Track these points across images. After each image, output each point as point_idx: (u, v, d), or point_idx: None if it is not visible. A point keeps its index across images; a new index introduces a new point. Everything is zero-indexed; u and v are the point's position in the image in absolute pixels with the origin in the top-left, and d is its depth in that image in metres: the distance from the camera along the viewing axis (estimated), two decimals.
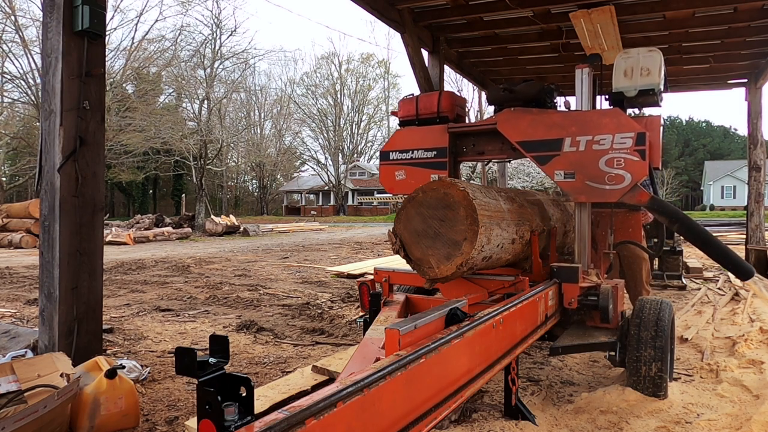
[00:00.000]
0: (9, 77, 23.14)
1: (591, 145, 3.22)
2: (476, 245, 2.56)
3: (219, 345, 1.22)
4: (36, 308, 5.62)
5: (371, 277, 3.56)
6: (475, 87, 21.06)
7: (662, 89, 3.46)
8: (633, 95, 3.39)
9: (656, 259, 7.07)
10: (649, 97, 3.40)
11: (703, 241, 3.27)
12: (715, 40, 6.79)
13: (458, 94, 4.12)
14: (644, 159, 3.10)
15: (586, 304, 3.14)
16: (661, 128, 3.32)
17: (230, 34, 37.59)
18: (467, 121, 4.20)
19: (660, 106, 3.50)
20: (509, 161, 4.49)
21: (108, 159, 26.21)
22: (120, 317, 5.60)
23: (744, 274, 3.39)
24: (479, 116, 26.93)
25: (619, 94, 3.45)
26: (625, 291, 4.50)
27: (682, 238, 6.19)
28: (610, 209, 3.95)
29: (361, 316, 3.90)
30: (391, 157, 4.03)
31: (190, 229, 20.88)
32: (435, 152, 3.84)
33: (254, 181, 57.83)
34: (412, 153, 3.94)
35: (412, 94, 4.07)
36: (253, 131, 46.54)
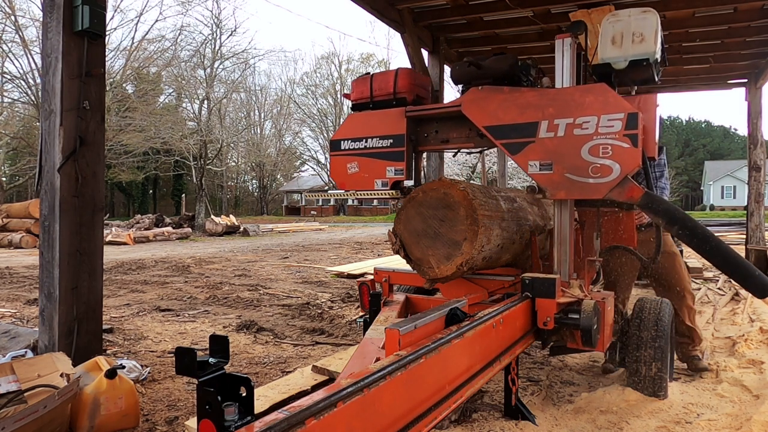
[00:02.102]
0: (9, 77, 23.15)
1: (572, 129, 2.64)
2: (476, 245, 2.56)
3: (219, 345, 1.22)
4: (36, 308, 5.62)
5: (371, 277, 3.56)
6: None
7: (659, 60, 2.87)
8: (623, 67, 2.80)
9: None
10: (642, 69, 2.81)
11: (710, 248, 2.53)
12: (715, 40, 6.79)
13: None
14: (636, 146, 2.51)
15: (565, 323, 2.62)
16: (658, 110, 2.78)
17: (230, 34, 37.65)
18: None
19: (656, 81, 2.91)
20: (480, 151, 3.88)
21: (108, 159, 26.22)
22: (120, 317, 5.60)
23: (762, 291, 2.66)
24: None
25: (605, 66, 2.85)
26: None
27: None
28: (596, 208, 3.26)
29: (361, 316, 3.90)
30: (342, 147, 3.45)
31: (190, 229, 20.88)
32: (391, 140, 3.25)
33: (254, 181, 57.83)
34: (366, 141, 3.35)
35: (369, 73, 3.52)
36: (253, 131, 46.56)
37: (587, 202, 3.12)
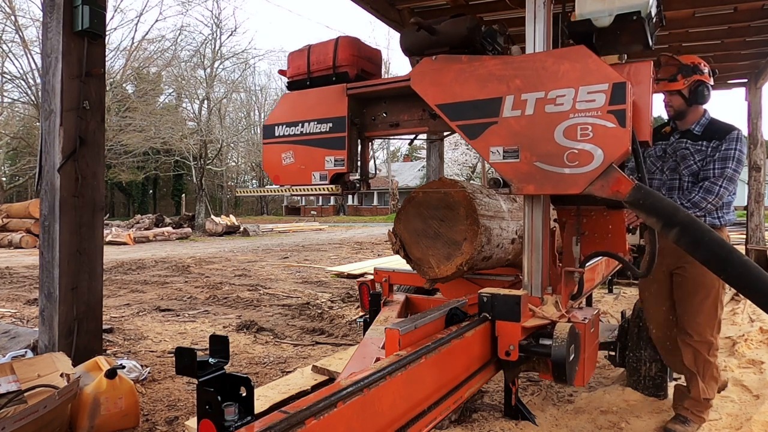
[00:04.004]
0: (9, 77, 23.14)
1: (543, 105, 2.10)
2: (476, 245, 2.56)
3: (219, 345, 1.22)
4: (36, 308, 5.61)
5: (371, 277, 3.56)
6: None
7: (653, 16, 2.24)
8: (607, 24, 2.17)
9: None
10: (632, 27, 2.18)
11: (720, 258, 1.85)
12: (715, 40, 6.79)
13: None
14: (623, 125, 1.95)
15: (534, 352, 2.04)
16: (653, 80, 2.23)
17: (230, 34, 37.74)
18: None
19: (650, 45, 2.27)
20: (440, 138, 3.06)
21: (108, 159, 26.22)
22: (120, 317, 5.60)
23: None
24: None
25: (585, 24, 2.22)
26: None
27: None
28: (576, 205, 2.67)
29: (361, 316, 3.90)
30: (276, 133, 2.92)
31: (190, 229, 20.87)
32: (331, 124, 2.73)
33: (254, 181, 57.83)
34: (302, 126, 2.83)
35: (309, 46, 2.94)
36: (253, 131, 46.53)
37: (564, 199, 2.64)
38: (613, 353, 3.41)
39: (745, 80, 8.77)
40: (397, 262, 8.15)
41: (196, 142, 26.84)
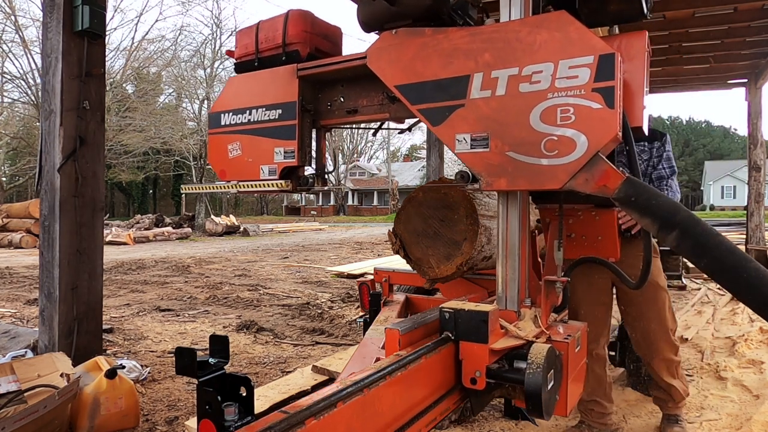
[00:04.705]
0: (9, 77, 23.17)
1: (516, 84, 1.79)
2: (476, 245, 2.56)
3: (219, 345, 1.22)
4: (36, 308, 5.61)
5: (371, 277, 3.56)
6: None
7: None
8: None
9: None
10: None
11: (731, 270, 1.48)
12: (715, 40, 6.80)
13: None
14: (612, 106, 1.63)
15: (506, 379, 1.72)
16: (648, 56, 1.90)
17: (230, 34, 37.55)
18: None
19: (645, 13, 1.97)
20: (408, 129, 2.91)
21: (108, 159, 26.23)
22: (120, 317, 5.61)
23: None
24: None
25: None
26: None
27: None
28: (557, 204, 2.31)
29: (361, 316, 3.90)
30: (222, 122, 2.60)
31: (190, 229, 20.89)
32: (280, 111, 2.41)
33: None
34: (250, 114, 2.52)
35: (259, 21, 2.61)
36: None
37: (545, 195, 2.34)
38: (613, 353, 3.41)
39: (745, 80, 8.77)
40: (397, 262, 8.15)
41: (196, 142, 26.86)
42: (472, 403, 1.82)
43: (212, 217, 23.69)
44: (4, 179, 28.21)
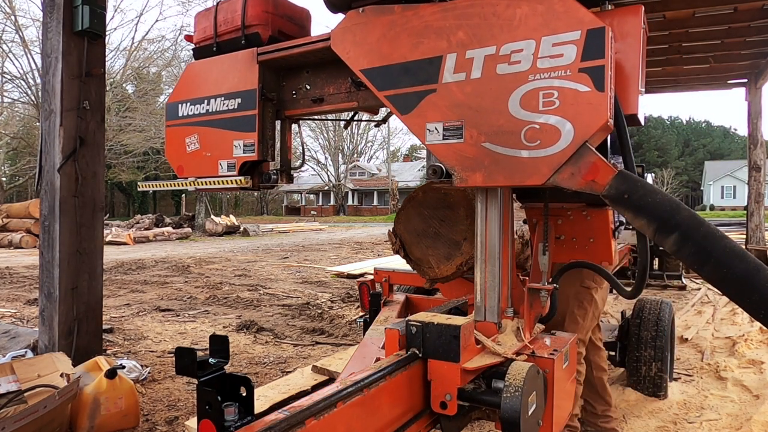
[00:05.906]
0: (9, 77, 23.17)
1: (494, 65, 1.57)
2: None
3: (219, 345, 1.22)
4: (36, 308, 5.62)
5: (371, 277, 3.56)
6: None
7: None
8: None
9: (656, 258, 6.92)
10: None
11: (741, 279, 1.28)
12: (715, 40, 6.80)
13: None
14: (601, 89, 1.42)
15: (481, 401, 1.53)
16: (644, 33, 1.66)
17: None
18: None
19: None
20: (383, 121, 2.72)
21: (108, 159, 26.23)
22: (120, 317, 5.61)
23: None
24: None
25: None
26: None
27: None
28: (542, 202, 2.09)
29: (361, 316, 3.90)
30: (179, 113, 2.42)
31: (190, 229, 20.90)
32: (239, 100, 2.21)
33: None
34: (208, 103, 2.31)
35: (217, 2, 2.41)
36: None
37: (530, 192, 2.12)
38: (613, 353, 3.42)
39: (745, 80, 8.77)
40: (397, 262, 8.16)
41: None
42: (443, 429, 1.61)
43: (212, 217, 23.68)
44: (4, 179, 28.21)
